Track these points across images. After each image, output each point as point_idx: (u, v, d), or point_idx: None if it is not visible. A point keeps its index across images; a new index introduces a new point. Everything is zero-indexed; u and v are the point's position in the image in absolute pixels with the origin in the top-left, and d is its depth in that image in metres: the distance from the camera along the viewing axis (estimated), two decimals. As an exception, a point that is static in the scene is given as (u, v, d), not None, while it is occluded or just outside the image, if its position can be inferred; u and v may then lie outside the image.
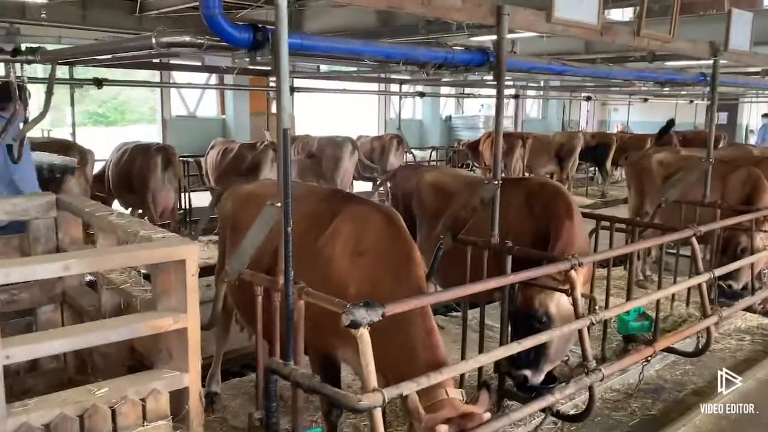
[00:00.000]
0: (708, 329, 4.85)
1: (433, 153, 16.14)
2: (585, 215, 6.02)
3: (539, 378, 4.15)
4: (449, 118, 22.96)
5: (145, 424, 2.59)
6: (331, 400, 2.74)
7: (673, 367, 5.54)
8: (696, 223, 4.97)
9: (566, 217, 4.53)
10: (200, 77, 16.13)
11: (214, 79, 16.24)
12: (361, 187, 12.58)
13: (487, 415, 3.07)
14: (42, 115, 4.64)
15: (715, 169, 6.54)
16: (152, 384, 2.63)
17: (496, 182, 4.21)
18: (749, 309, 6.17)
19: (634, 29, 5.14)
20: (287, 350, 2.97)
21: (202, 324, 3.98)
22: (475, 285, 3.51)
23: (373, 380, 2.71)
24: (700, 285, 4.84)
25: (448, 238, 4.49)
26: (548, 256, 4.02)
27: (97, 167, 9.30)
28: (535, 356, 4.13)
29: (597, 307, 3.87)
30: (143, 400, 2.58)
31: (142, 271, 3.25)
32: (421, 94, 13.83)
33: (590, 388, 3.78)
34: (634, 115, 24.10)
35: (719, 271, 5.00)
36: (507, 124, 23.77)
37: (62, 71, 10.01)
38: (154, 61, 12.71)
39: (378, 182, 8.56)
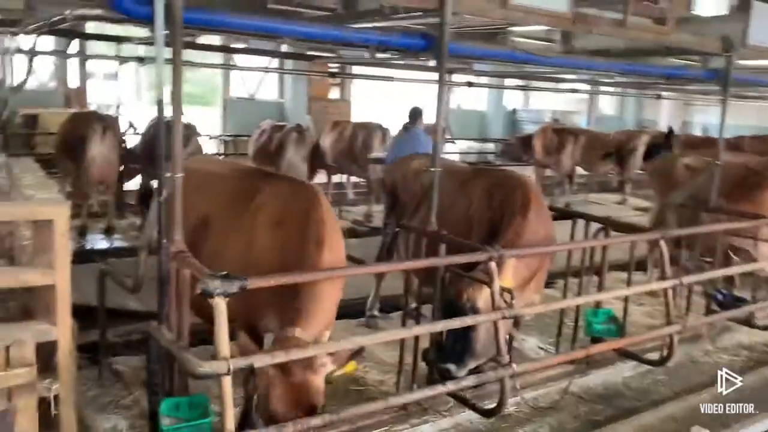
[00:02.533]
0: (671, 337, 4.61)
1: (477, 145, 15.89)
2: (564, 214, 5.86)
3: (463, 372, 4.08)
4: (515, 110, 22.50)
5: (8, 369, 2.80)
6: (180, 364, 2.84)
7: (644, 376, 5.30)
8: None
9: (519, 212, 4.42)
10: (262, 61, 16.56)
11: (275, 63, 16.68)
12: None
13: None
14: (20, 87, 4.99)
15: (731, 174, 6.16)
16: (18, 334, 2.83)
17: (432, 169, 4.16)
18: (746, 322, 5.76)
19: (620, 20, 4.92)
20: (160, 314, 3.09)
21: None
22: (378, 265, 3.51)
23: (223, 348, 2.78)
24: (665, 291, 4.59)
25: (392, 224, 4.48)
26: (475, 247, 3.94)
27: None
28: (460, 350, 4.09)
29: (512, 301, 3.75)
30: (7, 347, 2.79)
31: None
32: (469, 84, 13.57)
33: (501, 382, 3.71)
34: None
35: (688, 279, 4.71)
36: (578, 120, 23.06)
37: (112, 48, 10.57)
38: (216, 44, 13.25)
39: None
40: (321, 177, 12.50)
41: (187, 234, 3.43)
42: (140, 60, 10.16)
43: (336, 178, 12.37)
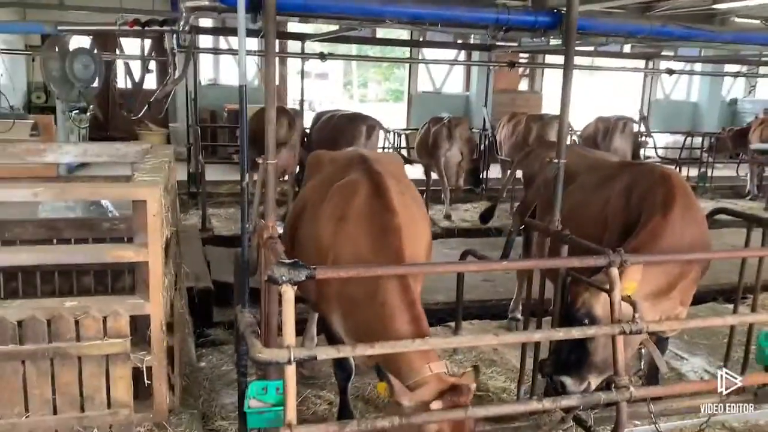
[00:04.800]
0: None
1: (689, 140, 14.17)
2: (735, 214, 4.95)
3: (580, 387, 3.64)
4: (734, 101, 19.85)
5: (105, 338, 3.04)
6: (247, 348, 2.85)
7: None
8: None
9: (660, 210, 3.81)
10: (450, 54, 16.55)
11: (462, 56, 16.58)
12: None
13: (474, 386, 2.88)
14: (179, 79, 5.44)
15: None
16: (114, 306, 3.06)
17: (557, 162, 3.74)
18: None
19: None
20: (240, 296, 3.15)
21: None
22: (454, 264, 3.24)
23: (289, 338, 2.75)
24: None
25: (516, 222, 4.14)
26: (599, 250, 3.46)
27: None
28: (575, 361, 3.64)
29: (637, 315, 3.22)
30: (105, 317, 3.03)
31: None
32: (670, 71, 12.25)
33: (617, 406, 3.23)
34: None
35: None
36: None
37: (295, 46, 11.25)
38: (404, 38, 13.60)
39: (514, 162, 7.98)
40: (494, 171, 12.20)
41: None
42: (322, 56, 10.71)
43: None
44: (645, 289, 3.52)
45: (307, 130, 10.58)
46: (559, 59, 11.18)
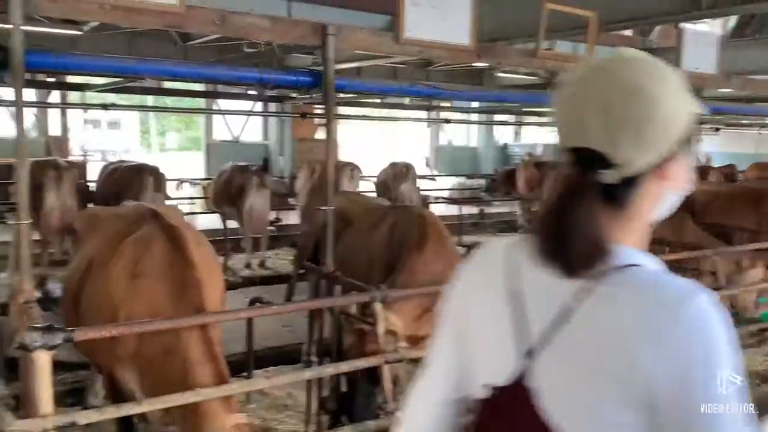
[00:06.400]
0: None
1: (468, 181, 15.72)
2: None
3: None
4: (505, 145, 22.40)
5: None
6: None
7: None
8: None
9: (415, 248, 4.25)
10: (246, 104, 16.70)
11: (259, 106, 16.82)
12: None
13: None
14: None
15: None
16: None
17: (325, 209, 4.02)
18: None
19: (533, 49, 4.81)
20: None
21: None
22: (244, 311, 3.35)
23: (43, 406, 2.63)
24: None
25: (296, 266, 4.33)
26: (364, 287, 3.77)
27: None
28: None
29: (398, 345, 3.56)
30: None
31: None
32: (447, 121, 13.54)
33: (387, 433, 3.50)
34: (719, 147, 22.28)
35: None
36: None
37: (75, 96, 10.69)
38: (198, 89, 13.45)
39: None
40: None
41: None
42: (104, 107, 10.26)
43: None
44: (402, 320, 3.88)
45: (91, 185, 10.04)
46: (350, 110, 11.89)
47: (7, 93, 7.53)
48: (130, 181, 9.15)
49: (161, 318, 3.16)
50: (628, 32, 14.88)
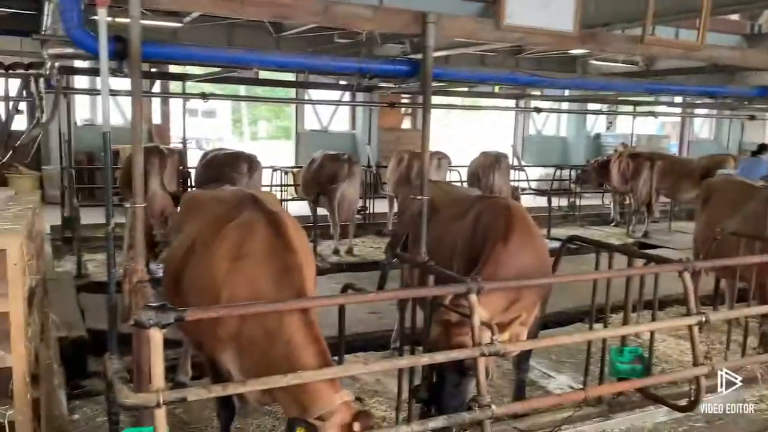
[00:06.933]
0: (697, 380, 4.14)
1: (558, 172, 15.30)
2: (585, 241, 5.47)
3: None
4: (598, 135, 21.63)
5: (-40, 393, 2.92)
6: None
7: (681, 422, 4.80)
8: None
9: (500, 239, 4.18)
10: (335, 95, 16.95)
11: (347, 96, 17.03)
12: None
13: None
14: (46, 123, 5.32)
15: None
16: (-29, 359, 2.94)
17: (420, 198, 4.01)
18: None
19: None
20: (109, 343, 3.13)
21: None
22: (327, 298, 3.40)
23: (157, 380, 2.76)
24: (690, 328, 4.16)
25: (389, 254, 4.36)
26: (459, 278, 3.73)
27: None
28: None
29: (494, 338, 3.50)
30: (-40, 371, 2.91)
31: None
32: (538, 110, 13.23)
33: (481, 425, 3.46)
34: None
35: (715, 316, 4.24)
36: (666, 145, 21.84)
37: (176, 85, 11.17)
38: (290, 79, 13.81)
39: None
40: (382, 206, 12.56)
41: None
42: (203, 96, 10.67)
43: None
44: (487, 312, 3.82)
45: (192, 170, 10.48)
46: (438, 99, 11.84)
47: (114, 82, 8.00)
48: (227, 167, 9.50)
49: (265, 301, 3.26)
50: (734, 17, 13.97)
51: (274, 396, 3.46)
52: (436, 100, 12.61)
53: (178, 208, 5.17)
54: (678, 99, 15.75)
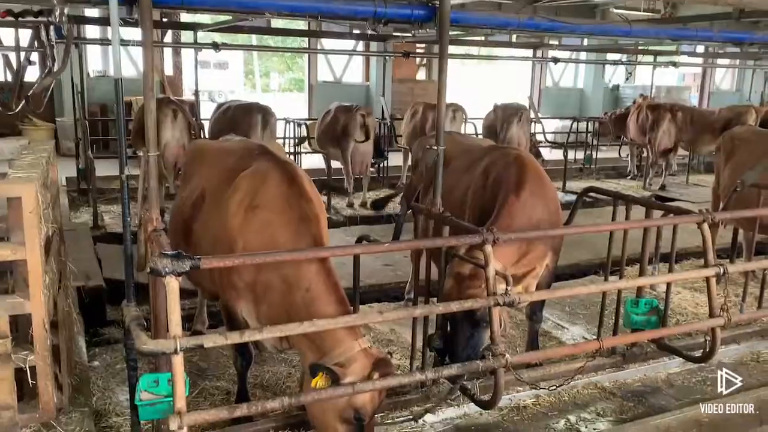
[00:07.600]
0: (713, 332, 4.13)
1: (575, 124, 15.02)
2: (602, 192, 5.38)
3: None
4: (616, 87, 21.19)
5: (-17, 340, 2.96)
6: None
7: (693, 373, 4.81)
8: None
9: (513, 191, 4.12)
10: (348, 44, 16.66)
11: (361, 46, 16.73)
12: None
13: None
14: (57, 72, 5.27)
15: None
16: (-9, 306, 2.98)
17: (436, 148, 3.95)
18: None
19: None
20: (126, 291, 3.15)
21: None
22: (342, 248, 3.39)
23: (174, 328, 2.78)
24: (707, 279, 4.12)
25: (403, 205, 4.32)
26: (474, 229, 3.70)
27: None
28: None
29: (508, 289, 3.49)
30: (-19, 318, 2.95)
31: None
32: (555, 60, 12.92)
33: (494, 374, 3.48)
34: None
35: (733, 268, 4.20)
36: (687, 96, 21.38)
37: (187, 36, 11.01)
38: (301, 28, 13.55)
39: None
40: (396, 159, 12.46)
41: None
42: (215, 46, 10.52)
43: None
44: (499, 264, 3.80)
45: (205, 122, 10.43)
46: (454, 49, 11.58)
47: (126, 32, 7.88)
48: (241, 119, 9.44)
49: (283, 249, 3.26)
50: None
51: (291, 342, 3.49)
52: (452, 50, 12.37)
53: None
54: (700, 49, 15.33)
